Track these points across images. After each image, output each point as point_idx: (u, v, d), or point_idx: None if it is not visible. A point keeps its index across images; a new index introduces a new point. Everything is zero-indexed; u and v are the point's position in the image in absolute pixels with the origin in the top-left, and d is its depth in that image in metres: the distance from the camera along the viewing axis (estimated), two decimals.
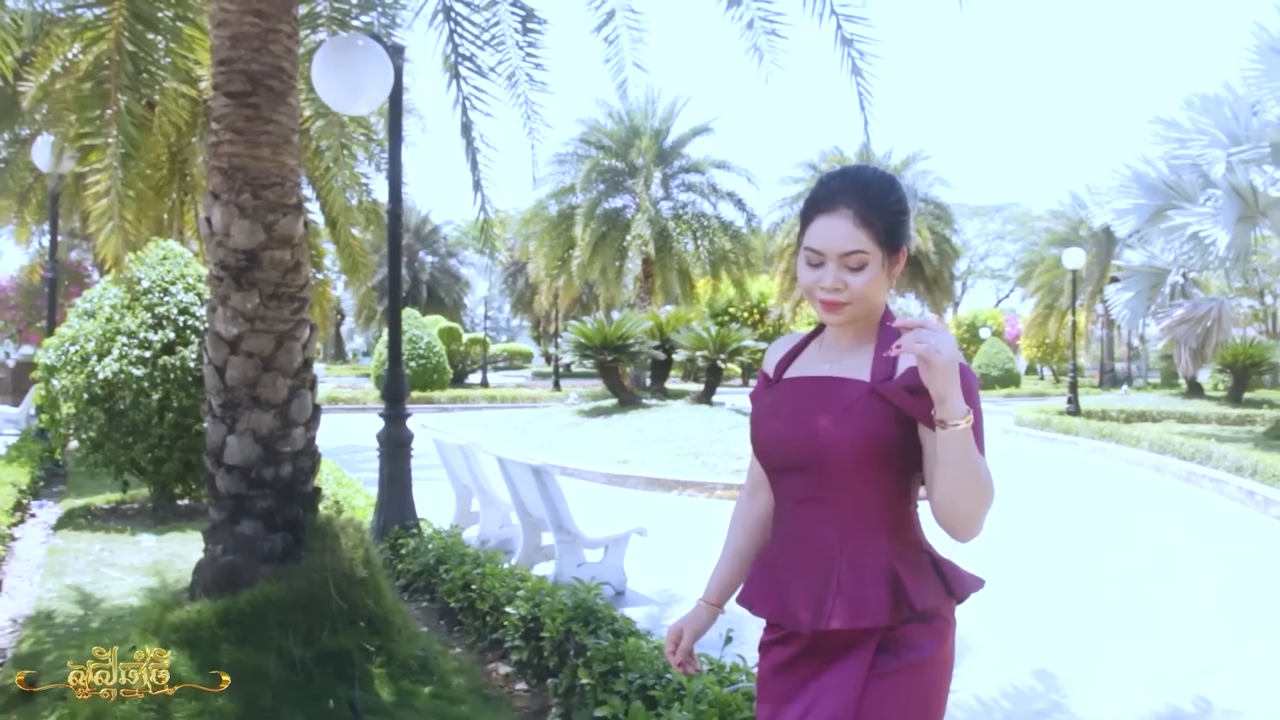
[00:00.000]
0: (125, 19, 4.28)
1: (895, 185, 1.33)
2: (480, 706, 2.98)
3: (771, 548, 1.40)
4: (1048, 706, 3.49)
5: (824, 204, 1.30)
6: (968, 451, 1.19)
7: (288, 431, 3.11)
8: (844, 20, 3.88)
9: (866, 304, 1.31)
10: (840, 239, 1.28)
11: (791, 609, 1.32)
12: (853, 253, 1.27)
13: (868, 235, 1.27)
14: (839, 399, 1.31)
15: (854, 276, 1.28)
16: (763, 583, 1.38)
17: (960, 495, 1.21)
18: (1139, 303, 14.09)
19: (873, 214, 1.28)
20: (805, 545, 1.33)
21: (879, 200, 1.29)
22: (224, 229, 3.05)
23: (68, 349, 6.34)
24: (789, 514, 1.36)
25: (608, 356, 14.29)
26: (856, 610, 1.28)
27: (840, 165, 4.04)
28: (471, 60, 4.72)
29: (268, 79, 3.10)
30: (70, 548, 5.61)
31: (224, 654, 2.76)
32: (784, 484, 1.36)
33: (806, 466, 1.31)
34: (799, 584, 1.32)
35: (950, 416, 1.17)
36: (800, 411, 1.33)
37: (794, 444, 1.32)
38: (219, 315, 3.07)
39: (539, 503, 4.92)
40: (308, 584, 2.93)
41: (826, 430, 1.29)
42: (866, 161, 26.93)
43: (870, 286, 1.29)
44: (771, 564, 1.38)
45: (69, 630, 3.98)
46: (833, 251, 1.28)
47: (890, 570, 1.29)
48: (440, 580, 4.17)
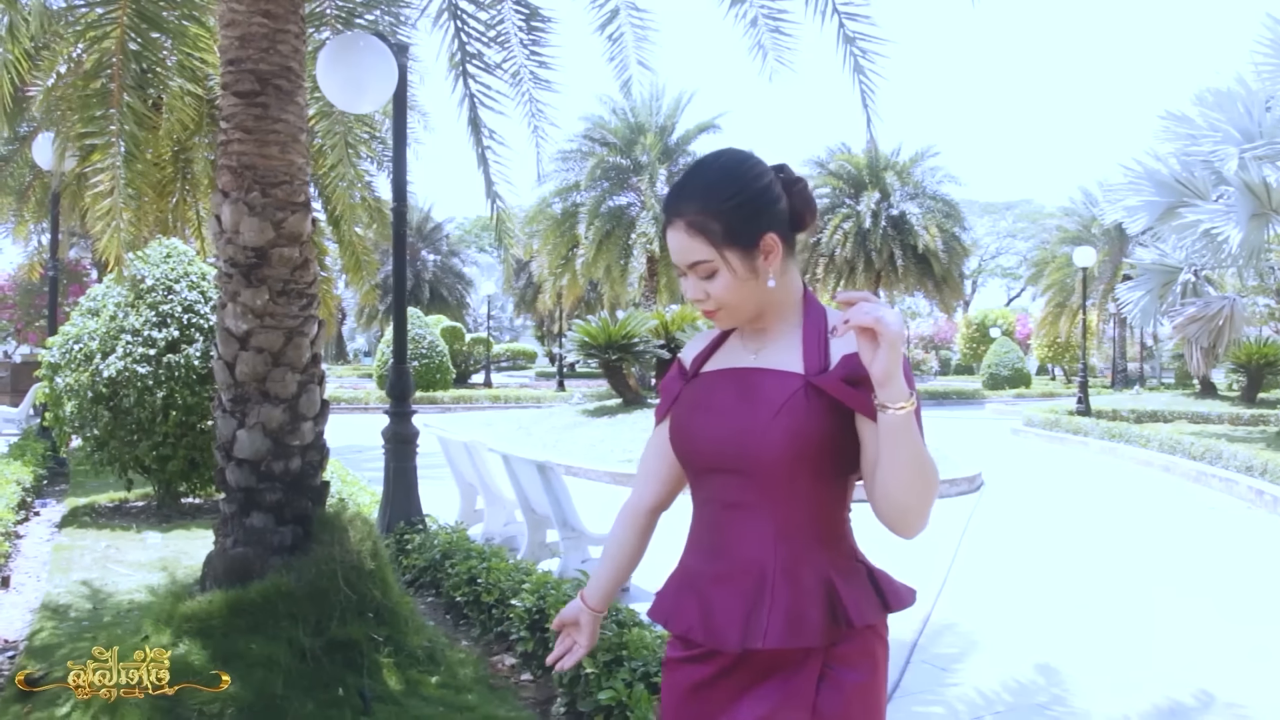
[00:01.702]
0: (130, 18, 4.33)
1: (737, 174, 1.19)
2: (487, 696, 3.02)
3: (691, 557, 1.27)
4: (1049, 700, 3.49)
5: (665, 214, 1.22)
6: (912, 437, 1.10)
7: (297, 426, 3.15)
8: (846, 19, 3.89)
9: (743, 306, 1.21)
10: (680, 252, 1.20)
11: (716, 625, 1.19)
12: (695, 264, 1.19)
13: (704, 241, 1.17)
14: (770, 393, 1.19)
15: (710, 284, 1.20)
16: (679, 595, 1.25)
17: (905, 486, 1.11)
18: (1151, 301, 14.01)
19: (706, 218, 1.17)
20: (732, 555, 1.20)
21: (713, 200, 1.17)
22: (233, 226, 3.09)
23: (72, 347, 6.39)
24: (713, 520, 1.23)
25: (612, 356, 14.30)
26: (793, 628, 1.16)
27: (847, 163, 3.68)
28: (479, 58, 4.76)
29: (276, 78, 3.14)
30: (76, 545, 5.67)
31: (236, 643, 2.81)
32: (707, 487, 1.24)
33: (736, 468, 1.19)
34: (725, 598, 1.19)
35: (893, 400, 1.08)
36: (728, 407, 1.21)
37: (722, 443, 1.20)
38: (229, 311, 3.11)
39: (544, 499, 4.96)
40: (317, 575, 2.97)
41: (759, 428, 1.17)
42: (874, 159, 26.98)
43: (731, 291, 1.19)
44: (691, 575, 1.25)
45: (80, 624, 4.04)
46: (681, 264, 1.21)
47: (827, 583, 1.19)
48: (446, 575, 4.21)
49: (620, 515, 1.41)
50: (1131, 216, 12.89)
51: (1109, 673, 3.80)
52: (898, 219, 26.14)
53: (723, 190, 1.18)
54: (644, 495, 1.38)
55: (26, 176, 10.59)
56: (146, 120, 4.36)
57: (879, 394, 1.09)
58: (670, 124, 23.38)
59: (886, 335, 1.05)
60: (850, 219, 26.39)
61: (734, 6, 4.51)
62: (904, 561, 1.35)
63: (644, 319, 14.38)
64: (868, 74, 3.98)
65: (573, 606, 1.42)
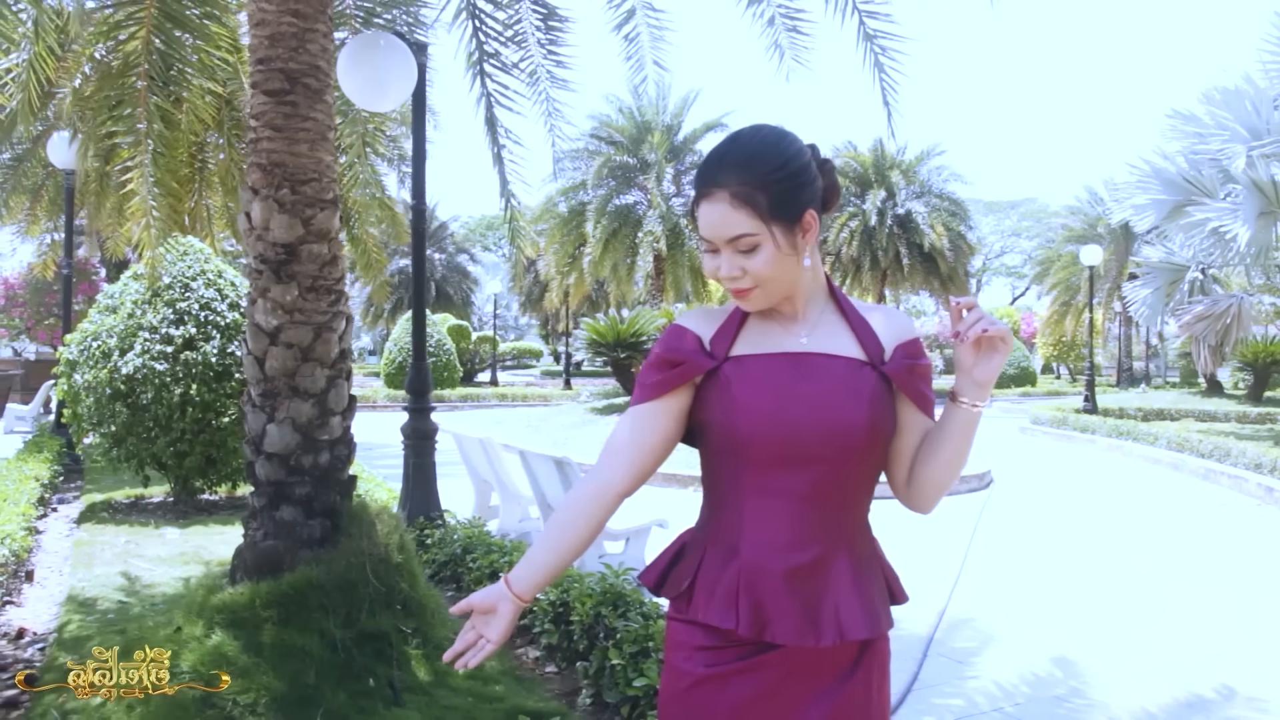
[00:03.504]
0: (155, 17, 4.38)
1: (780, 147, 1.15)
2: (514, 687, 3.06)
3: (744, 552, 1.16)
4: (1068, 692, 3.52)
5: (702, 186, 1.15)
6: (974, 432, 1.21)
7: (326, 420, 3.19)
8: (867, 17, 3.92)
9: (781, 283, 1.17)
10: (720, 224, 1.13)
11: (782, 624, 1.13)
12: (738, 237, 1.13)
13: (749, 213, 1.12)
14: (853, 382, 1.17)
15: (749, 260, 1.14)
16: (729, 594, 1.15)
17: (955, 471, 1.22)
18: (1157, 299, 14.02)
19: (752, 189, 1.11)
20: (809, 549, 1.15)
21: (758, 171, 1.12)
22: (263, 223, 3.13)
23: (90, 344, 6.45)
24: (784, 512, 1.15)
25: (621, 354, 14.35)
26: (870, 618, 1.18)
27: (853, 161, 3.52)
28: (497, 57, 4.80)
29: (305, 77, 3.18)
30: (95, 540, 5.72)
31: (268, 634, 2.85)
32: (776, 477, 1.15)
33: (823, 458, 1.14)
34: (792, 594, 1.14)
35: (981, 399, 1.18)
36: (812, 395, 1.15)
37: (816, 433, 1.14)
38: (259, 307, 3.16)
39: (561, 495, 4.99)
40: (346, 568, 3.01)
41: (855, 418, 1.15)
42: (881, 158, 26.96)
43: (773, 267, 1.14)
44: (754, 572, 1.15)
45: (107, 617, 4.09)
46: (718, 238, 1.14)
47: (883, 571, 1.24)
48: (467, 569, 4.25)
49: (579, 497, 1.22)
50: (1139, 215, 12.90)
51: (1126, 666, 3.83)
52: (904, 217, 26.13)
53: (768, 161, 1.13)
54: (617, 477, 1.20)
55: (40, 175, 10.65)
56: (172, 118, 4.39)
57: (973, 393, 1.19)
58: (677, 122, 23.40)
59: (1007, 347, 1.16)
60: (856, 217, 26.38)
61: (751, 6, 4.54)
62: (918, 557, 1.39)
63: (652, 317, 14.42)
64: (888, 71, 4.00)
65: (492, 592, 1.20)
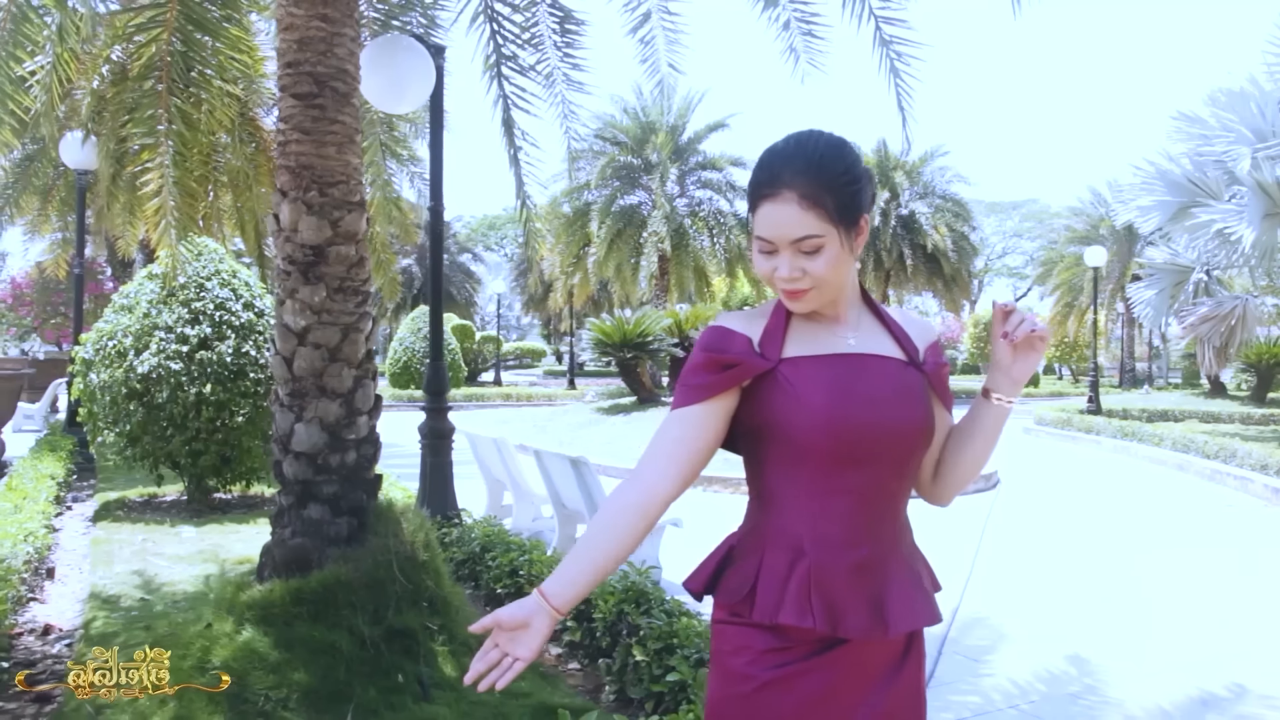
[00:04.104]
0: (177, 19, 4.43)
1: (844, 152, 1.18)
2: (539, 683, 3.10)
3: (810, 551, 1.18)
4: (1082, 689, 3.56)
5: (766, 187, 1.16)
6: (1003, 426, 1.30)
7: (353, 420, 3.24)
8: (883, 22, 3.96)
9: (834, 285, 1.19)
10: (789, 225, 1.15)
11: (854, 619, 1.17)
12: (804, 238, 1.15)
13: (817, 216, 1.14)
14: (908, 383, 1.22)
15: (811, 261, 1.16)
16: (801, 594, 1.17)
17: (981, 466, 1.31)
18: (1162, 301, 14.06)
19: (821, 191, 1.14)
20: (871, 544, 1.19)
21: (826, 174, 1.15)
22: (292, 225, 3.18)
23: (105, 343, 6.49)
24: (848, 510, 1.18)
25: (628, 354, 14.38)
26: (929, 607, 1.24)
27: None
28: (514, 60, 4.84)
29: (333, 80, 3.23)
30: (112, 538, 5.77)
31: (298, 630, 2.89)
32: (844, 476, 1.17)
33: (889, 458, 1.19)
34: (859, 589, 1.18)
35: (1013, 396, 1.27)
36: (875, 396, 1.19)
37: (886, 433, 1.18)
38: (287, 308, 3.20)
39: (576, 494, 5.04)
40: (373, 566, 3.06)
41: (916, 418, 1.20)
42: (884, 159, 26.99)
43: (833, 269, 1.17)
44: (819, 569, 1.17)
45: (131, 613, 4.13)
46: (783, 239, 1.16)
47: (923, 562, 1.30)
48: (486, 567, 4.30)
49: (624, 504, 1.18)
50: (1144, 216, 12.93)
51: (1138, 664, 3.87)
52: (907, 218, 26.18)
53: (836, 165, 1.16)
54: (665, 482, 1.18)
55: (50, 176, 10.72)
56: (192, 119, 4.44)
57: (1008, 389, 1.27)
58: (681, 123, 23.44)
59: (1045, 345, 1.23)
60: None
61: (767, 9, 4.58)
62: (928, 557, 1.42)
63: (658, 318, 14.45)
64: (903, 77, 4.05)
65: (525, 606, 1.15)
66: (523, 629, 1.14)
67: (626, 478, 1.22)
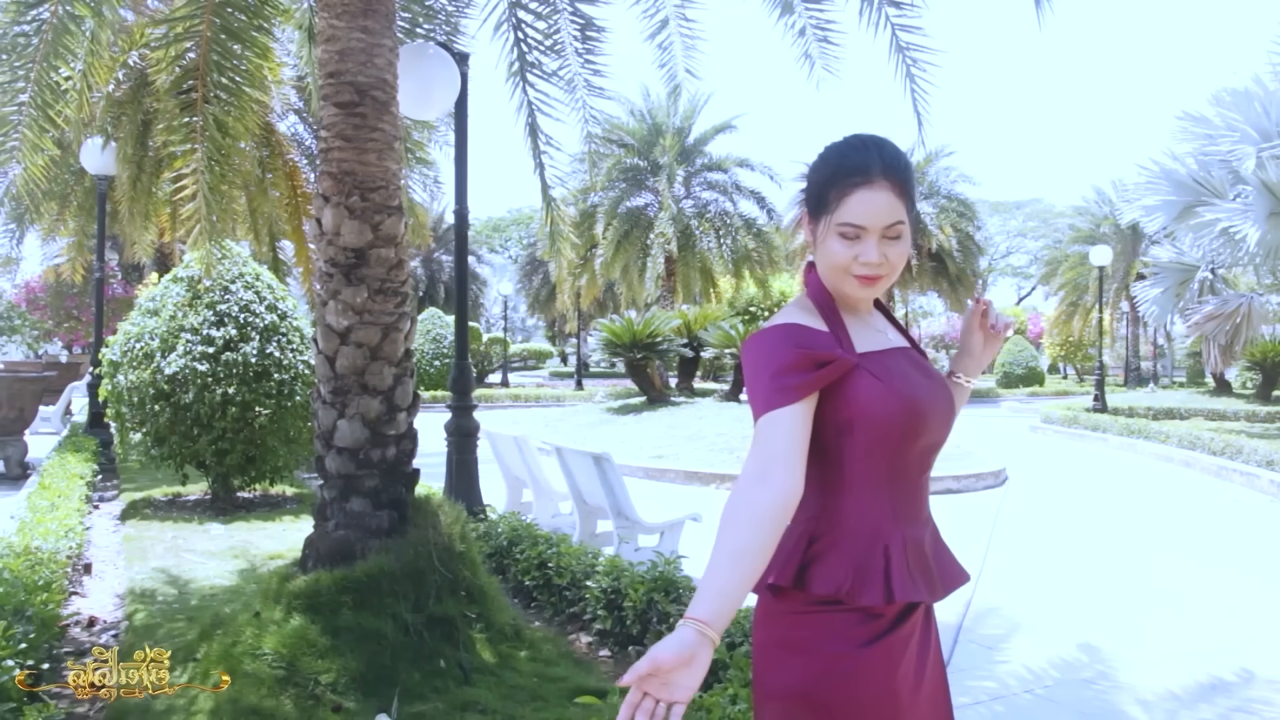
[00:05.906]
0: (212, 30, 4.57)
1: (905, 154, 1.36)
2: (574, 669, 3.23)
3: (896, 529, 1.28)
4: (1095, 675, 3.68)
5: (860, 175, 1.27)
6: (964, 404, 1.49)
7: (393, 416, 3.37)
8: (900, 30, 4.08)
9: (898, 273, 1.32)
10: (885, 212, 1.26)
11: (930, 586, 1.31)
12: (895, 224, 1.27)
13: (905, 205, 1.28)
14: (929, 368, 1.39)
15: (893, 247, 1.28)
16: (903, 571, 1.27)
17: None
18: (1167, 299, 14.14)
19: (907, 182, 1.29)
20: (922, 516, 1.34)
21: (909, 169, 1.31)
22: (334, 229, 3.31)
23: (132, 345, 6.63)
24: (910, 487, 1.32)
25: (637, 355, 14.51)
26: (961, 568, 1.39)
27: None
28: (538, 67, 4.97)
29: (373, 90, 3.36)
30: (143, 536, 5.91)
31: (344, 618, 3.02)
32: (912, 457, 1.30)
33: (939, 440, 1.35)
34: (930, 558, 1.33)
35: (976, 376, 1.51)
36: (931, 385, 1.35)
37: (944, 417, 1.35)
38: (330, 309, 3.33)
39: (598, 490, 5.16)
40: (414, 556, 3.18)
41: (950, 401, 1.38)
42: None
43: (905, 255, 1.30)
44: (910, 545, 1.29)
45: (170, 606, 4.27)
46: (876, 225, 1.26)
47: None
48: (514, 561, 4.42)
49: (757, 516, 1.15)
50: (1149, 215, 13.01)
51: (1150, 651, 3.98)
52: (913, 219, 26.20)
53: (907, 162, 1.32)
54: (790, 484, 1.18)
55: (69, 181, 10.87)
56: (225, 126, 4.58)
57: (973, 370, 1.51)
58: (688, 125, 23.52)
59: (1010, 333, 1.49)
60: None
61: (783, 17, 4.71)
62: None
63: (667, 318, 14.58)
64: (919, 82, 4.16)
65: (685, 641, 1.07)
66: (685, 667, 1.06)
67: (742, 483, 1.19)
